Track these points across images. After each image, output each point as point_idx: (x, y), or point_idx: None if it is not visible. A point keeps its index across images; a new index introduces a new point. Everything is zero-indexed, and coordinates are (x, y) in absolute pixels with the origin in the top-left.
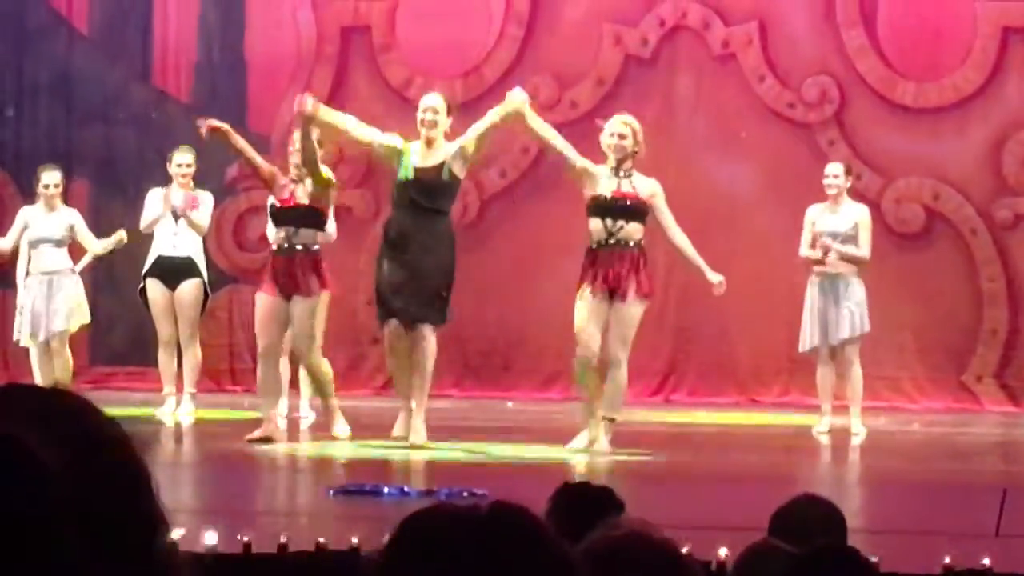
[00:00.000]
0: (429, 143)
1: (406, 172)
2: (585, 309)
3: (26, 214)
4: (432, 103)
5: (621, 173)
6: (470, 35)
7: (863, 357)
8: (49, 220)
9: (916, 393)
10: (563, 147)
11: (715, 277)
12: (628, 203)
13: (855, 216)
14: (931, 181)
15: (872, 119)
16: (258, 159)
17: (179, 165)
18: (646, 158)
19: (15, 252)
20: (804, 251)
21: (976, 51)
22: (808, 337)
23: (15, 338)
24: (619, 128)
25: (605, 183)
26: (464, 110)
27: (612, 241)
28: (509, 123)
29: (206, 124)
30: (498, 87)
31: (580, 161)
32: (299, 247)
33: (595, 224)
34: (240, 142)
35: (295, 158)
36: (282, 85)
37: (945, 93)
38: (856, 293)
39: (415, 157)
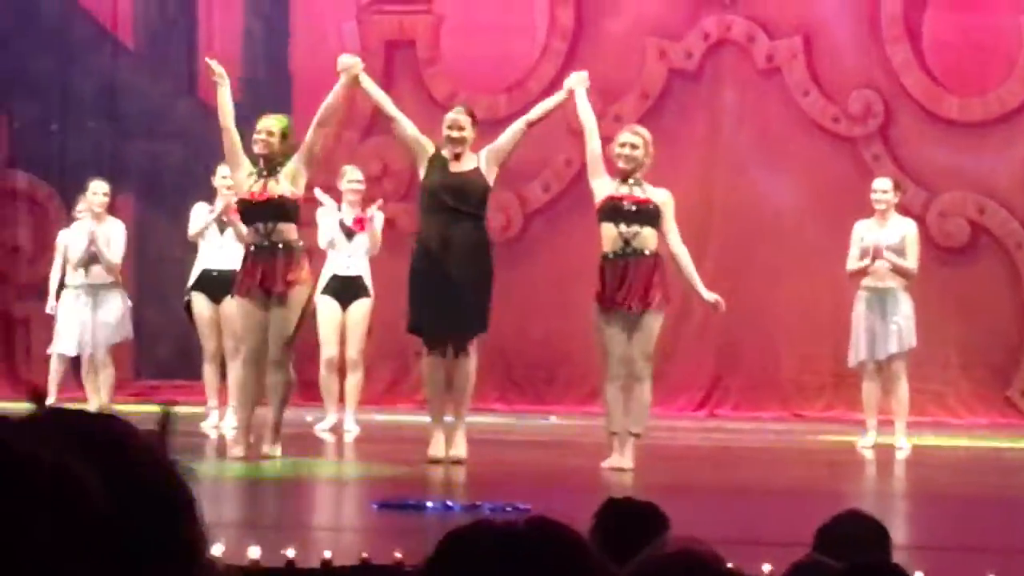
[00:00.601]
0: (457, 157)
1: (435, 176)
2: (605, 329)
3: (77, 228)
4: (456, 119)
5: (631, 181)
6: (514, 49)
7: (907, 371)
8: (96, 232)
9: (961, 408)
10: (592, 140)
11: (710, 296)
12: (640, 206)
13: (903, 230)
14: (976, 195)
15: (917, 133)
16: (231, 126)
17: (224, 178)
18: (694, 172)
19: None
20: (852, 265)
21: (1021, 65)
22: (857, 351)
23: (51, 350)
24: (630, 139)
25: (615, 188)
26: (508, 124)
27: (628, 250)
28: (557, 109)
29: (214, 65)
30: (542, 100)
31: (598, 156)
32: (279, 244)
33: (609, 230)
34: (226, 99)
35: (259, 148)
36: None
37: (990, 107)
38: (904, 308)
39: (448, 160)
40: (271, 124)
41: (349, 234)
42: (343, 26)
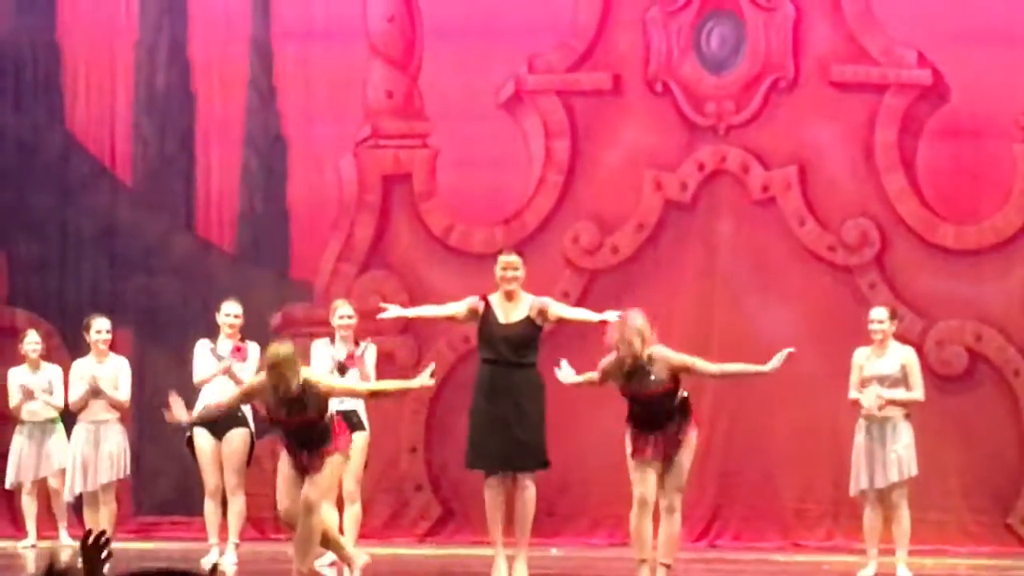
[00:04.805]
0: (510, 296)
1: (491, 329)
2: (639, 470)
3: (80, 367)
4: (511, 261)
5: (639, 370)
6: (510, 182)
7: (908, 500)
8: (100, 370)
9: (962, 536)
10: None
11: (775, 362)
12: (649, 400)
13: (901, 358)
14: (973, 323)
15: (913, 261)
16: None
17: (227, 315)
18: (691, 302)
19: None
20: (853, 394)
21: (1016, 193)
22: (858, 480)
23: (10, 482)
24: (616, 335)
25: (625, 383)
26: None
27: (650, 412)
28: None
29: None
30: (539, 233)
31: (595, 375)
32: (314, 435)
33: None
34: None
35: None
36: (324, 233)
37: (985, 236)
38: (903, 436)
39: (498, 311)
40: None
41: (342, 369)
42: (340, 161)
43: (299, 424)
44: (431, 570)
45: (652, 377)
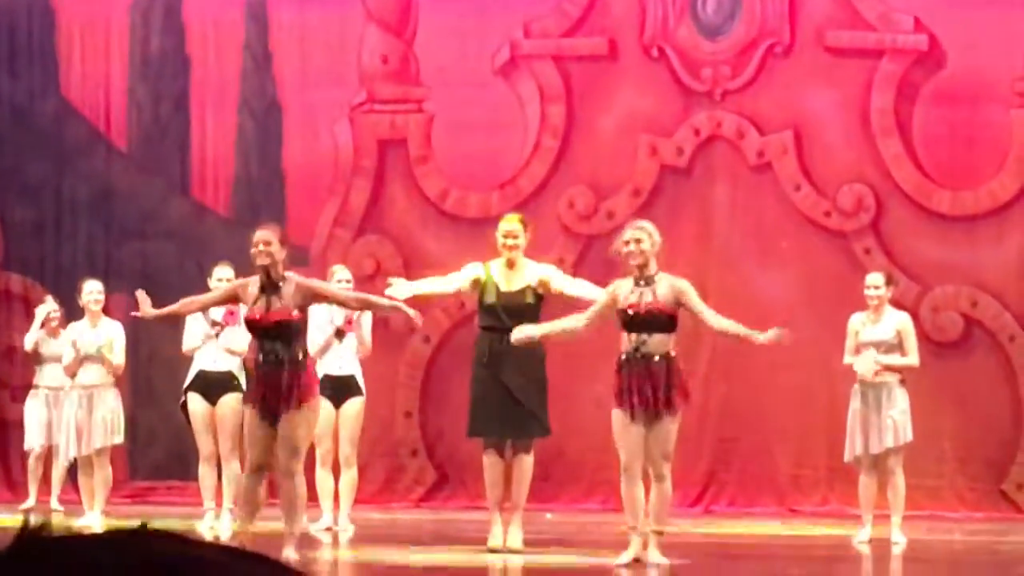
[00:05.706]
0: (511, 264)
1: (492, 297)
2: (622, 426)
3: (73, 331)
4: (512, 229)
5: (643, 282)
6: (506, 147)
7: (903, 466)
8: (93, 335)
9: (956, 502)
10: (594, 309)
11: (768, 335)
12: (647, 315)
13: (897, 324)
14: (968, 289)
15: (908, 227)
16: (209, 300)
17: (219, 279)
18: (686, 268)
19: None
20: (848, 359)
21: (1012, 159)
22: (852, 446)
23: (30, 447)
24: (634, 234)
25: (627, 296)
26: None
27: (638, 355)
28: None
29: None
30: (534, 198)
31: (604, 296)
32: (284, 363)
33: (623, 336)
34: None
35: (261, 260)
36: (320, 197)
37: (981, 201)
38: (899, 402)
39: (499, 279)
40: (267, 235)
41: (340, 334)
42: (336, 125)
43: (276, 321)
44: (426, 534)
45: (654, 292)
